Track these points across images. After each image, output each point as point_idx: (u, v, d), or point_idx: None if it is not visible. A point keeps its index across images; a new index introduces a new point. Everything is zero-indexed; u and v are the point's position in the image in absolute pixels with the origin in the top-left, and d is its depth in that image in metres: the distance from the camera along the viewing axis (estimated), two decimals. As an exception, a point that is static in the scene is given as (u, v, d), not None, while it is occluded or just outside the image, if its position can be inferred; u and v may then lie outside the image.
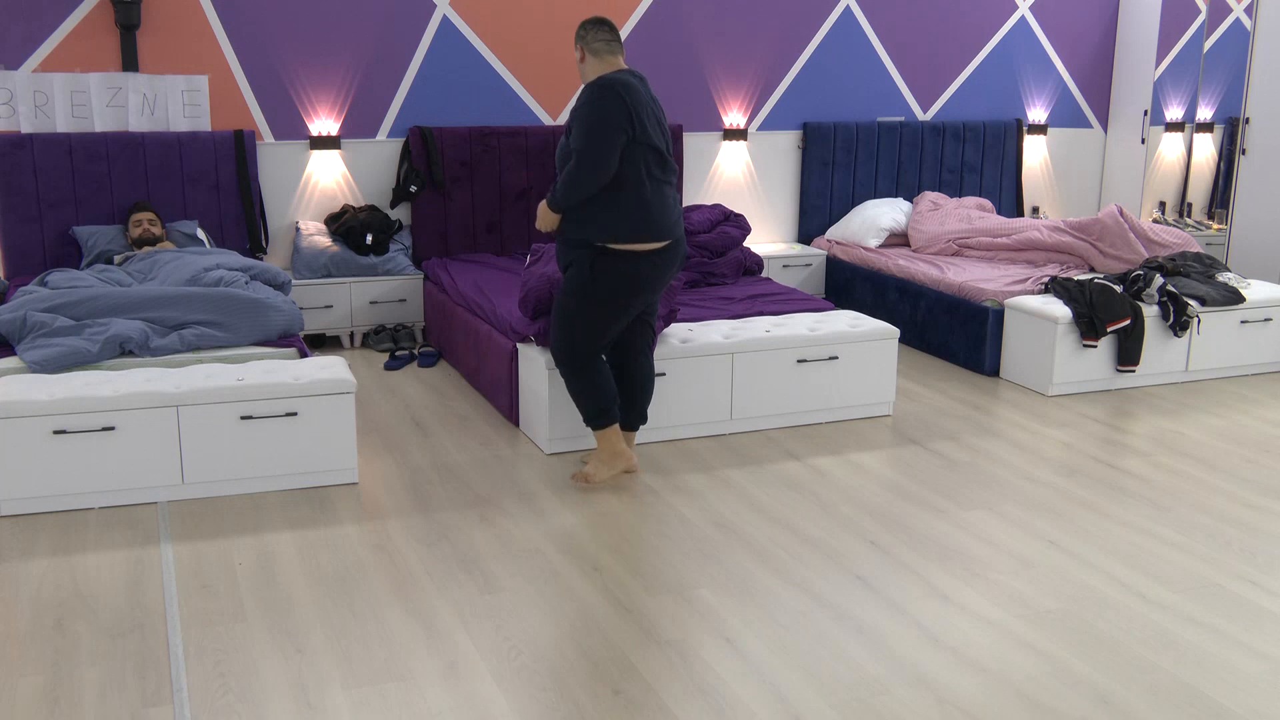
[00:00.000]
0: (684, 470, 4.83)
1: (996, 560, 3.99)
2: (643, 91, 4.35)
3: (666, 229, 4.37)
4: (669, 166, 4.41)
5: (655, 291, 4.49)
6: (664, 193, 4.37)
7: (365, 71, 6.88)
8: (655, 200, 4.33)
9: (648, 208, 4.31)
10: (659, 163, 4.36)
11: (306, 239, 6.74)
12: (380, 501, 4.46)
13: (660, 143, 4.35)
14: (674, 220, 4.41)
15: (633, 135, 4.25)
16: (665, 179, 4.40)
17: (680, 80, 7.57)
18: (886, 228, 7.66)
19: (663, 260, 4.40)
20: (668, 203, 4.38)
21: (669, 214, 4.38)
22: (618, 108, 4.24)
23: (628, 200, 4.29)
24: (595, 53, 4.44)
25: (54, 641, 3.37)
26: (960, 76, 8.34)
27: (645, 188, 4.31)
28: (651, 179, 4.33)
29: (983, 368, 6.30)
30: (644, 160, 4.30)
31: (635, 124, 4.25)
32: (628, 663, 3.28)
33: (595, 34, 4.45)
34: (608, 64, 4.43)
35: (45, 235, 6.30)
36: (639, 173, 4.29)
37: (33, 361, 4.54)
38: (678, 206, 4.46)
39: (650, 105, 4.36)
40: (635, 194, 4.30)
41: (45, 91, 6.26)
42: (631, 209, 4.29)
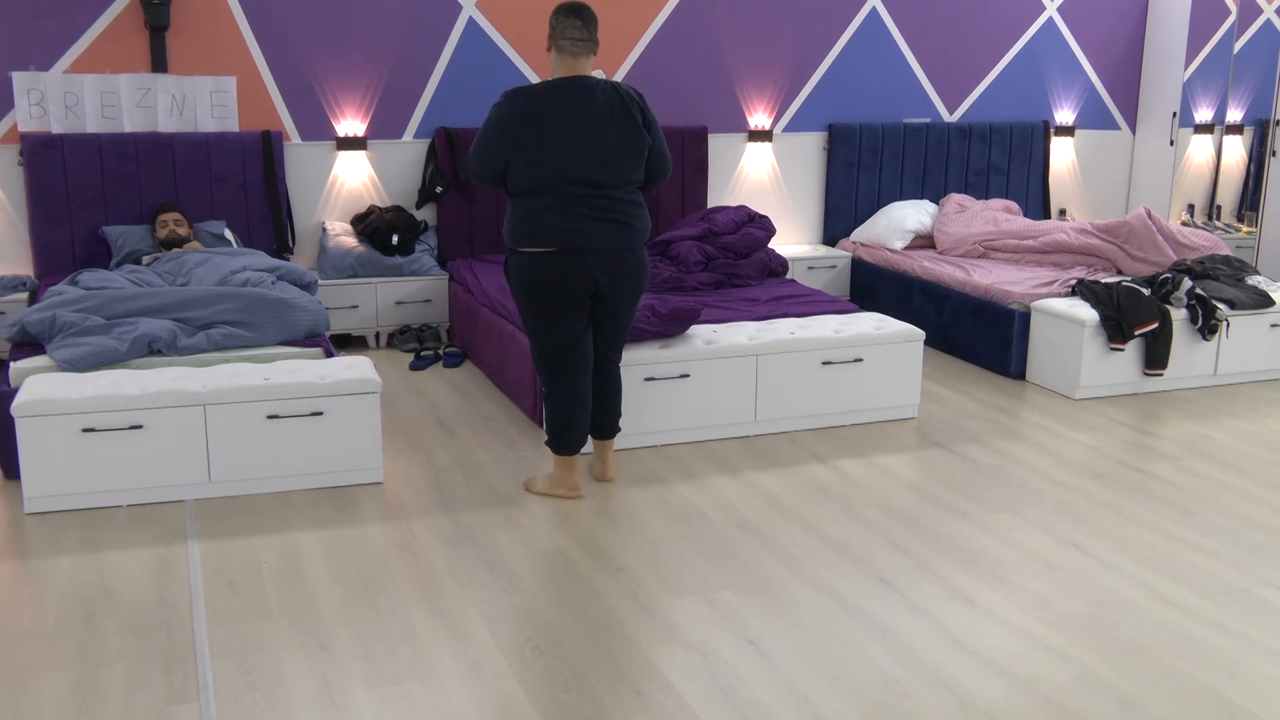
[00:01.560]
0: (708, 472, 4.83)
1: (1021, 564, 3.97)
2: (559, 110, 4.13)
3: (559, 238, 4.17)
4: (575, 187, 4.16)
5: (573, 286, 4.25)
6: (558, 204, 4.16)
7: (391, 73, 6.91)
8: (549, 210, 4.17)
9: (539, 217, 4.18)
10: (563, 184, 4.15)
11: (333, 239, 6.77)
12: (405, 501, 4.48)
13: (561, 166, 4.13)
14: (575, 230, 4.18)
15: (516, 155, 4.15)
16: (574, 195, 4.16)
17: (705, 81, 7.57)
18: (912, 230, 7.63)
19: (569, 261, 4.20)
20: (565, 214, 4.17)
21: (565, 223, 4.17)
22: (504, 129, 4.16)
23: (522, 209, 4.23)
24: (560, 50, 4.23)
25: (81, 638, 3.40)
26: (987, 78, 8.30)
27: (538, 199, 4.18)
28: (548, 193, 4.17)
29: (1008, 371, 6.26)
30: (537, 176, 4.16)
31: (522, 147, 4.13)
32: (650, 663, 3.28)
33: (565, 27, 4.20)
34: (567, 66, 4.23)
35: (75, 235, 6.36)
36: (530, 186, 4.18)
37: (62, 360, 4.58)
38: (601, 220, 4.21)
39: (571, 123, 4.13)
40: (529, 203, 4.21)
41: (75, 92, 6.32)
42: (525, 218, 4.22)
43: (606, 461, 4.70)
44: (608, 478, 4.70)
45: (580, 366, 4.41)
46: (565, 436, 4.45)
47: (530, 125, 4.16)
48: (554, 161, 4.16)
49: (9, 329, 4.90)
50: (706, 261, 6.39)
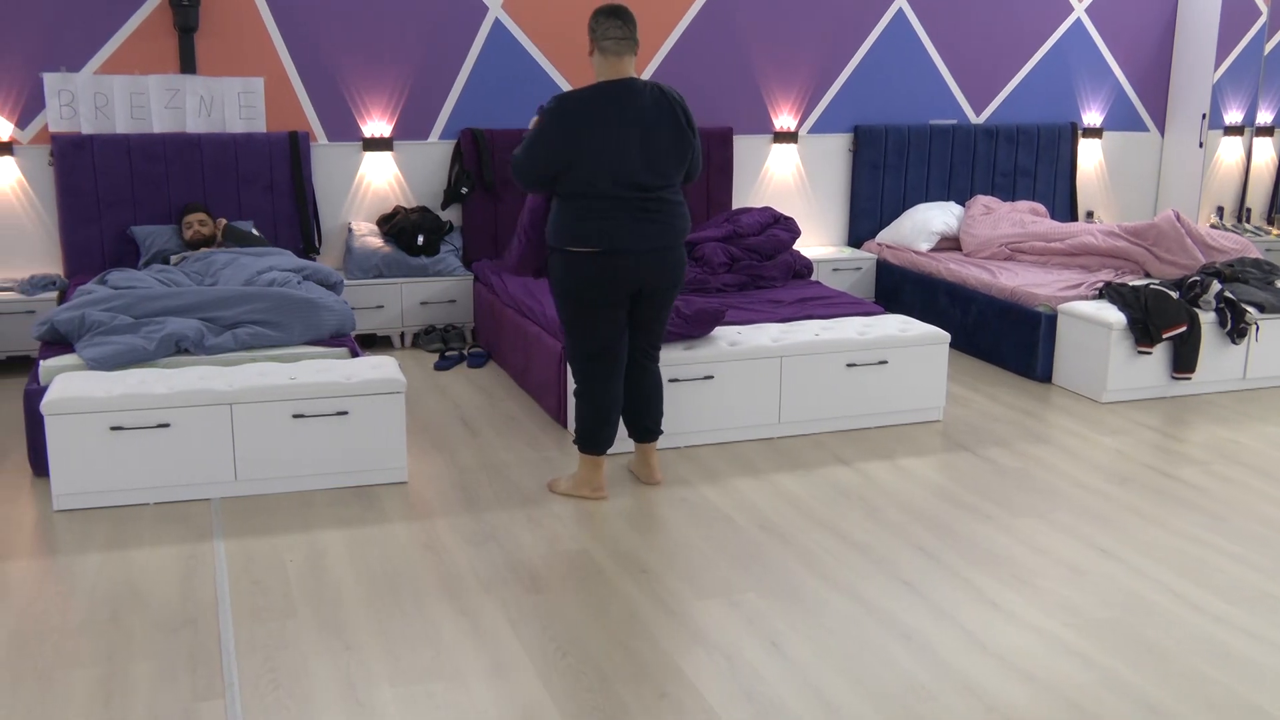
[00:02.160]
0: (732, 473, 4.82)
1: (1047, 568, 3.95)
2: (609, 115, 4.14)
3: (610, 240, 4.19)
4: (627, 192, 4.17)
5: (617, 289, 4.27)
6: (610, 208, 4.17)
7: (418, 74, 6.93)
8: (600, 214, 4.18)
9: (589, 220, 4.19)
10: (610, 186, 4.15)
11: (359, 240, 6.80)
12: (429, 501, 4.49)
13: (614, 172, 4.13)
14: (625, 233, 4.19)
15: (570, 164, 4.14)
16: (624, 199, 4.18)
17: (731, 83, 7.56)
18: (938, 231, 7.60)
19: (615, 264, 4.22)
20: (617, 217, 4.18)
21: (617, 227, 4.18)
22: (556, 140, 4.15)
23: (571, 209, 4.23)
24: (603, 51, 4.23)
25: (108, 634, 3.42)
26: (1014, 79, 8.25)
27: (590, 202, 4.18)
28: (601, 197, 4.17)
29: (1034, 374, 6.23)
30: (591, 182, 4.16)
31: (574, 156, 4.13)
32: (674, 665, 3.28)
33: (605, 28, 4.22)
34: (611, 68, 4.23)
35: (104, 235, 6.41)
36: (582, 190, 4.18)
37: (91, 359, 4.62)
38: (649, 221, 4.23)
39: (621, 127, 4.14)
40: (580, 206, 4.21)
41: (105, 93, 6.37)
42: (573, 219, 4.22)
43: (652, 464, 4.69)
44: (655, 480, 4.69)
45: (616, 367, 4.43)
46: (597, 436, 4.46)
47: (581, 131, 4.14)
48: (606, 166, 4.15)
49: (39, 328, 4.94)
50: (731, 263, 6.38)
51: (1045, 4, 8.19)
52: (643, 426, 4.63)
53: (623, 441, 4.95)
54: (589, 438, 4.48)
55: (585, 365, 4.43)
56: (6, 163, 6.33)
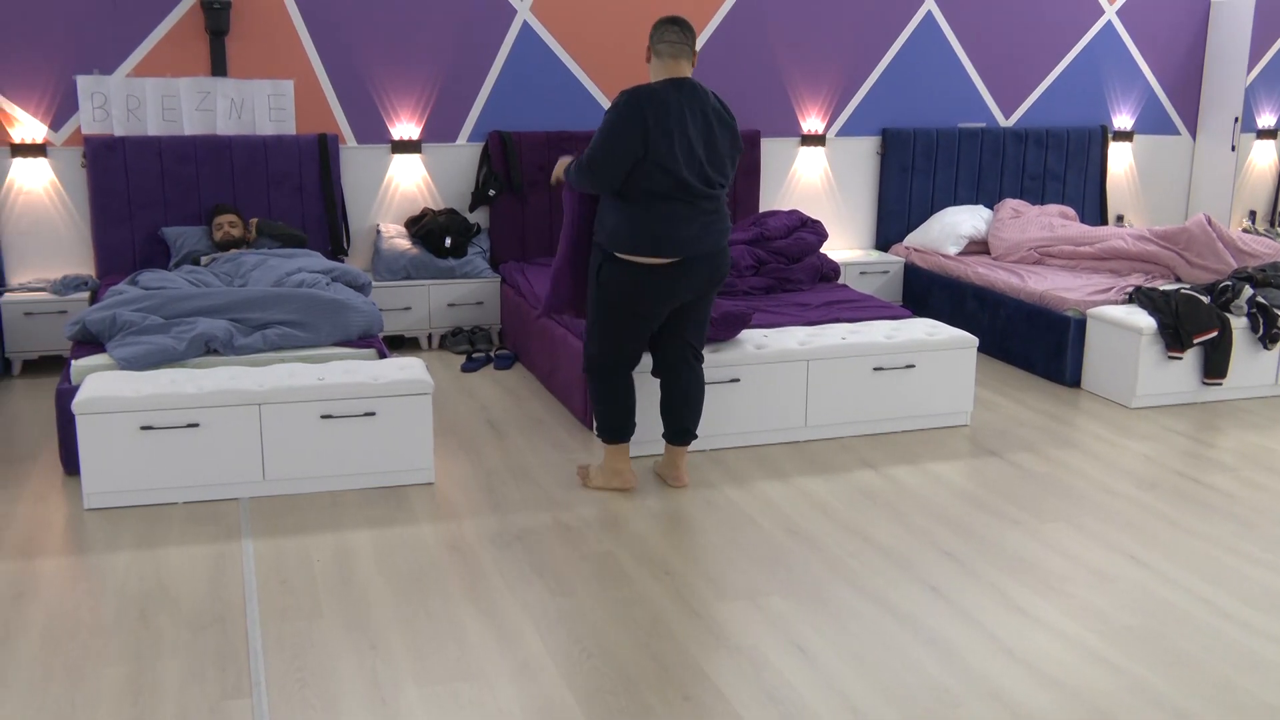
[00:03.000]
0: (757, 476, 4.81)
1: (1074, 574, 3.92)
2: (678, 108, 4.19)
3: (675, 247, 4.22)
4: (695, 187, 4.21)
5: (666, 304, 4.34)
6: (679, 210, 4.21)
7: (446, 76, 6.96)
8: (667, 218, 4.20)
9: (655, 224, 4.20)
10: (675, 185, 4.18)
11: (387, 241, 6.84)
12: (455, 502, 4.51)
13: (684, 166, 4.17)
14: (688, 238, 4.23)
15: (644, 156, 4.15)
16: (689, 199, 4.22)
17: (758, 85, 7.55)
18: (966, 235, 7.57)
19: (672, 274, 4.26)
20: (682, 220, 4.21)
21: (681, 231, 4.21)
22: (634, 128, 4.14)
23: (635, 213, 4.22)
24: (658, 54, 4.31)
25: (138, 632, 3.45)
26: (1044, 82, 8.21)
27: (656, 204, 4.20)
28: (668, 198, 4.19)
29: (1063, 378, 6.19)
30: (661, 178, 4.17)
31: (650, 146, 4.14)
32: (698, 668, 3.28)
33: (662, 34, 4.32)
34: (668, 69, 4.29)
35: (135, 235, 6.47)
36: (652, 188, 4.18)
37: (121, 359, 4.66)
38: (707, 224, 4.28)
39: (689, 123, 4.20)
40: (644, 208, 4.21)
41: (137, 95, 6.43)
42: (637, 223, 4.22)
43: (680, 467, 4.69)
44: (681, 483, 4.69)
45: (630, 366, 4.54)
46: (621, 425, 4.55)
47: (660, 121, 4.17)
48: (676, 158, 4.18)
49: (71, 327, 4.98)
50: (758, 266, 6.37)
51: (1076, 6, 8.14)
52: (681, 428, 4.63)
53: (649, 445, 4.95)
54: (614, 429, 4.54)
55: (607, 368, 4.50)
56: (40, 164, 6.40)
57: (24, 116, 6.33)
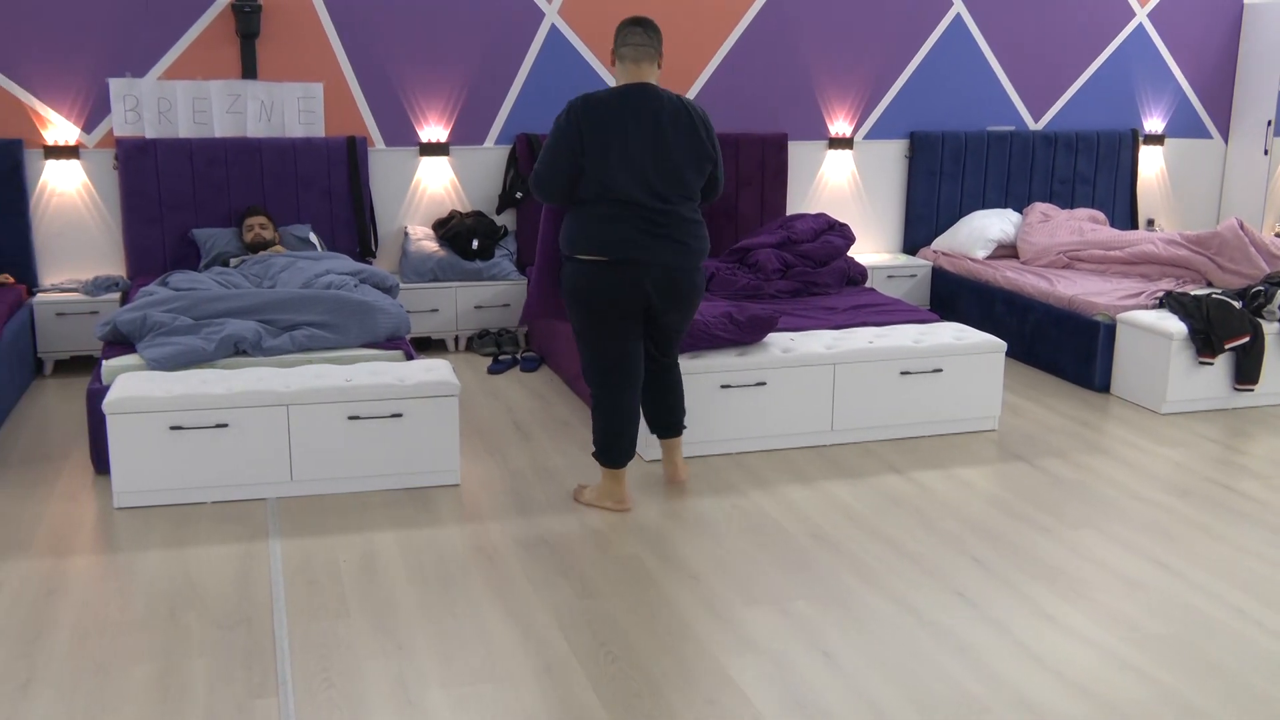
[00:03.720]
0: (783, 481, 4.80)
1: (1104, 581, 3.89)
2: (619, 119, 4.09)
3: (616, 248, 4.12)
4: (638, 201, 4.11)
5: (627, 301, 4.18)
6: (621, 215, 4.11)
7: (474, 79, 6.98)
8: (609, 219, 4.13)
9: (595, 225, 4.14)
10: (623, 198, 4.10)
11: (414, 243, 6.86)
12: (481, 503, 4.52)
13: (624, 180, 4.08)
14: (631, 242, 4.12)
15: (583, 170, 4.11)
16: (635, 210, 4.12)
17: (786, 88, 7.54)
18: (994, 239, 7.53)
19: (623, 275, 4.15)
20: (624, 224, 4.12)
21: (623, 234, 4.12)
22: (569, 143, 4.11)
23: (580, 215, 4.19)
24: (621, 58, 4.25)
25: (166, 631, 3.48)
26: (1074, 85, 8.16)
27: (599, 208, 4.14)
28: (611, 204, 4.12)
29: (1092, 383, 6.15)
30: (597, 190, 4.12)
31: (586, 160, 4.10)
32: (723, 673, 3.27)
33: (625, 37, 4.24)
34: (629, 74, 4.22)
35: (165, 237, 6.51)
36: (592, 197, 4.14)
37: (152, 359, 4.69)
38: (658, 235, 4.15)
39: (631, 133, 4.09)
40: (589, 210, 4.17)
41: (169, 98, 6.48)
42: (583, 224, 4.17)
43: (676, 462, 4.67)
44: (679, 479, 4.67)
45: (629, 381, 4.35)
46: (613, 450, 4.39)
47: (597, 132, 4.10)
48: (621, 168, 4.10)
49: (102, 328, 5.03)
50: (785, 269, 6.36)
51: (1106, 9, 8.08)
52: (663, 422, 4.61)
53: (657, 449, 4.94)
54: (606, 452, 4.41)
55: (599, 378, 4.35)
56: (73, 166, 6.46)
57: (57, 119, 6.40)
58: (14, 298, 5.97)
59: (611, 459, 4.41)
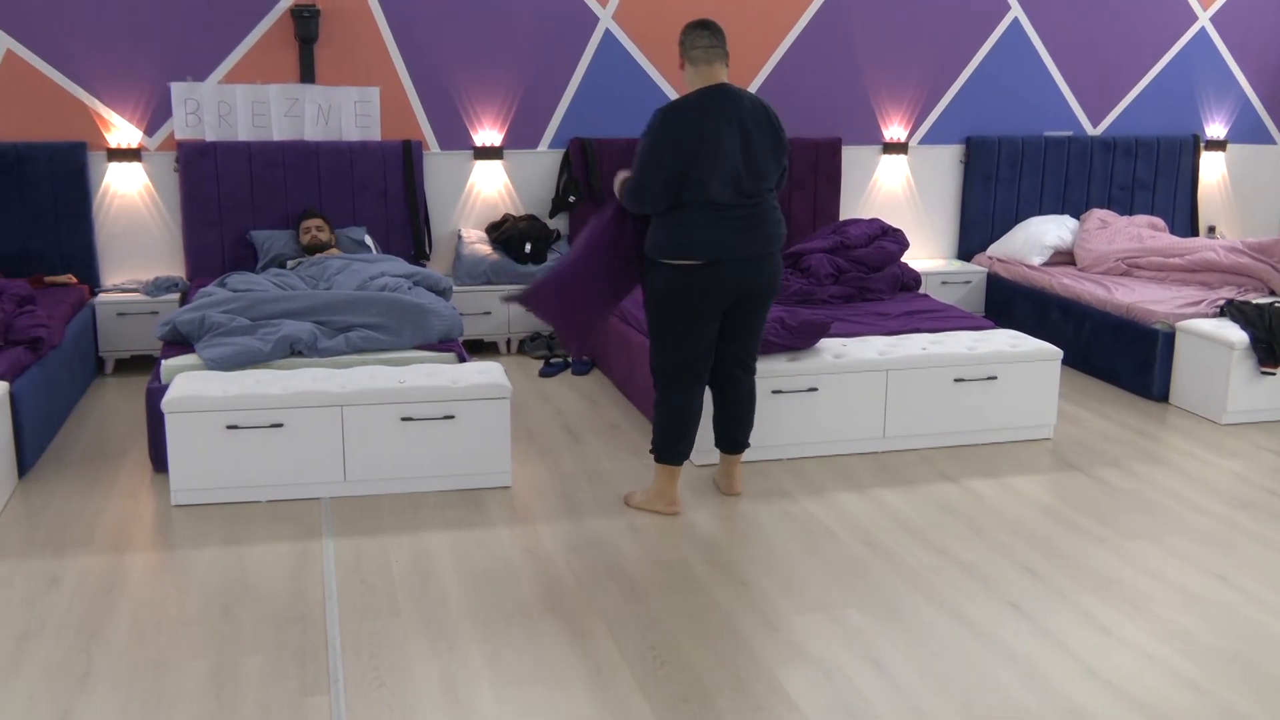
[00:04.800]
0: (834, 487, 4.77)
1: (1160, 593, 3.83)
2: (713, 123, 4.12)
3: (707, 250, 4.16)
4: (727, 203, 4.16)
5: (713, 303, 4.25)
6: (709, 219, 4.15)
7: (528, 84, 7.01)
8: (700, 224, 4.15)
9: (686, 231, 4.16)
10: (718, 198, 4.14)
11: (468, 246, 6.91)
12: (532, 506, 4.53)
13: (720, 182, 4.12)
14: (721, 242, 4.16)
15: (685, 174, 4.11)
16: (723, 211, 4.19)
17: (840, 93, 7.50)
18: (1051, 245, 7.45)
19: (711, 275, 4.19)
20: (713, 226, 4.15)
21: (714, 235, 4.16)
22: (669, 147, 4.10)
23: (668, 221, 4.19)
24: (692, 61, 4.25)
25: (221, 627, 3.52)
26: (1134, 90, 8.05)
27: (688, 213, 4.16)
28: (702, 208, 4.15)
29: (1150, 393, 6.05)
30: (703, 186, 4.12)
31: (690, 162, 4.08)
32: (772, 679, 3.26)
33: (694, 39, 4.25)
34: (703, 76, 4.23)
35: (224, 238, 6.61)
36: (697, 197, 4.14)
37: (209, 359, 4.76)
38: (744, 228, 4.21)
39: (724, 136, 4.13)
40: (678, 216, 4.18)
41: (229, 102, 6.58)
42: (672, 230, 4.18)
43: (734, 476, 4.67)
44: (734, 491, 4.67)
45: (700, 380, 4.40)
46: (676, 446, 4.41)
47: (691, 138, 4.11)
48: (716, 170, 4.12)
49: (161, 328, 5.11)
50: (838, 274, 6.33)
51: (1168, 12, 7.97)
52: (733, 439, 4.60)
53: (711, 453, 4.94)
54: (668, 448, 4.42)
55: (673, 375, 4.38)
56: (135, 168, 6.57)
57: (120, 122, 6.51)
58: (77, 298, 6.08)
59: (673, 456, 4.43)
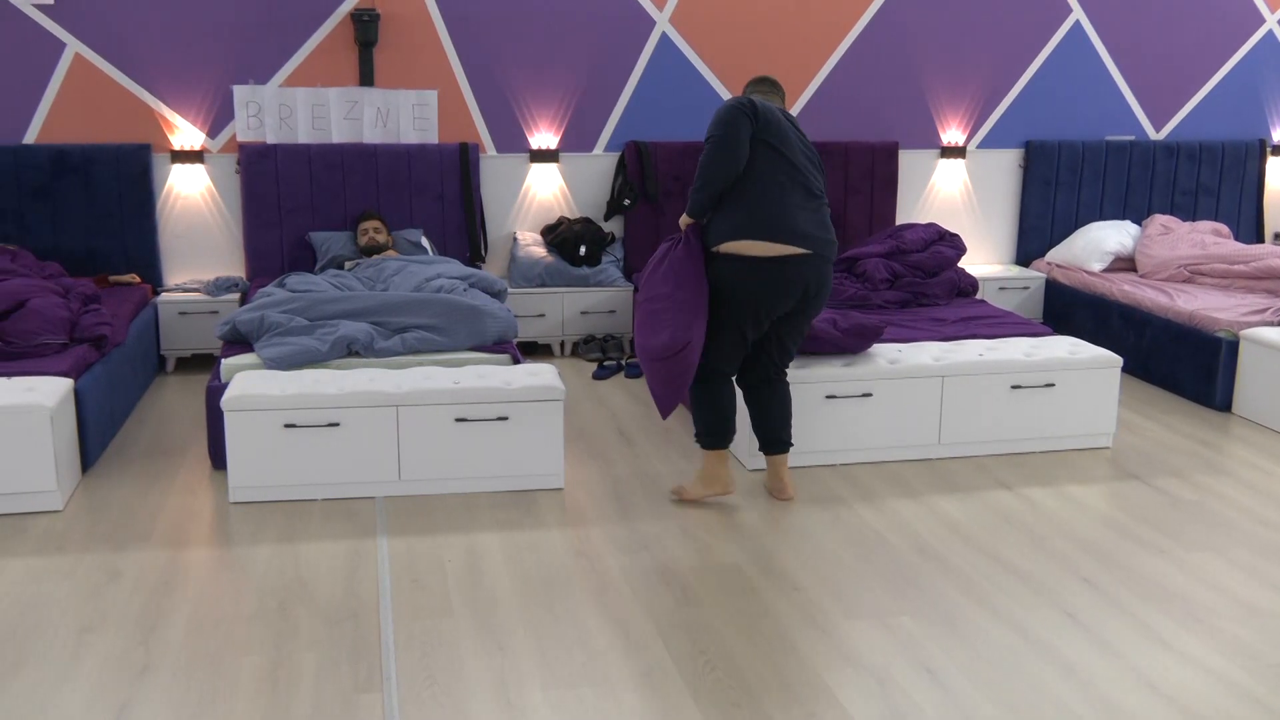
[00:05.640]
0: (888, 494, 4.74)
1: (1222, 607, 3.76)
2: (781, 117, 4.38)
3: (786, 234, 4.26)
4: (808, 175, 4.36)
5: (769, 304, 4.34)
6: (794, 199, 4.31)
7: (585, 87, 7.03)
8: (781, 202, 4.29)
9: (770, 207, 4.27)
10: (790, 174, 4.31)
11: (523, 249, 6.94)
12: (584, 508, 4.54)
13: (796, 156, 4.34)
14: (799, 229, 4.28)
15: (756, 134, 4.27)
16: (804, 187, 4.34)
17: (898, 96, 7.45)
18: (1112, 251, 7.34)
19: (775, 271, 4.27)
20: (797, 208, 4.30)
21: (795, 219, 4.29)
22: (745, 112, 4.28)
23: (750, 199, 4.28)
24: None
25: (276, 624, 3.56)
26: (1198, 94, 7.91)
27: (773, 190, 4.29)
28: (783, 185, 4.30)
29: (1213, 402, 5.94)
30: (771, 165, 4.29)
31: (762, 126, 4.28)
32: (824, 686, 3.24)
33: (754, 88, 4.64)
34: None
35: (284, 239, 6.69)
36: (767, 171, 4.29)
37: (268, 359, 4.82)
38: (817, 221, 4.36)
39: (790, 129, 4.39)
40: (761, 192, 4.28)
41: (289, 105, 6.66)
42: (753, 206, 4.28)
43: (783, 479, 4.66)
44: (786, 496, 4.65)
45: (731, 372, 4.55)
46: (719, 430, 4.54)
47: (765, 127, 4.30)
48: (785, 162, 4.32)
49: (221, 327, 5.18)
50: (893, 279, 6.28)
51: (1234, 15, 7.82)
52: (774, 439, 4.65)
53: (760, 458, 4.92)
54: (714, 433, 4.54)
55: (715, 367, 4.49)
56: (197, 170, 6.68)
57: (184, 124, 6.62)
58: (140, 297, 6.19)
59: (719, 440, 4.55)
